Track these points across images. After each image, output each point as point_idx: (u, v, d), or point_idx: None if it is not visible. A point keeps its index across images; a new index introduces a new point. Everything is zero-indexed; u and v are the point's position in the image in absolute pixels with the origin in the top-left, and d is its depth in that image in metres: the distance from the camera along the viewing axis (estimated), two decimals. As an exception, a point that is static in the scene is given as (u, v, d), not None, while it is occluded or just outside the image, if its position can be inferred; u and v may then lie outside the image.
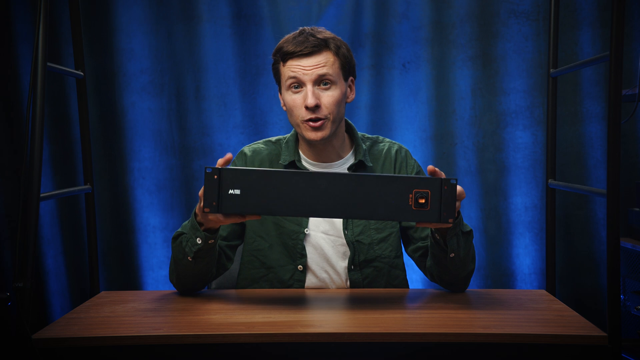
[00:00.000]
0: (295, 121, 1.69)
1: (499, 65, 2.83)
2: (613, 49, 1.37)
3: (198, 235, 1.55)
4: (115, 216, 2.88)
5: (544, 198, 2.30)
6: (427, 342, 1.35)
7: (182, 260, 1.60)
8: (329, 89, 1.67)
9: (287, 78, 1.68)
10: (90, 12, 2.80)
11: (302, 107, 1.66)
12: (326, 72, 1.66)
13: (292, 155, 1.77)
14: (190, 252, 1.57)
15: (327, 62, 1.67)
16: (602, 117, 2.80)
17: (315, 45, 1.66)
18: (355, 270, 1.75)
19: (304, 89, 1.66)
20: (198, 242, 1.56)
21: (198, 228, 1.55)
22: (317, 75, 1.66)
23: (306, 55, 1.66)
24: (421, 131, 2.86)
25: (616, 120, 1.37)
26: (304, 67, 1.66)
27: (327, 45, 1.68)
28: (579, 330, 1.38)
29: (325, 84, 1.67)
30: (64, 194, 1.87)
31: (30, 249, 1.44)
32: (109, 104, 2.85)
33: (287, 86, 1.69)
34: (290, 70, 1.67)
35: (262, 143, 1.84)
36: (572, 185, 1.77)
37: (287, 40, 1.69)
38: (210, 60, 2.83)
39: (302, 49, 1.65)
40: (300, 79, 1.66)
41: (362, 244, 1.75)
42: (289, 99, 1.69)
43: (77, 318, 1.52)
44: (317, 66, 1.66)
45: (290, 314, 1.50)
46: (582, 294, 2.85)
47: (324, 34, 1.69)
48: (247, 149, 1.82)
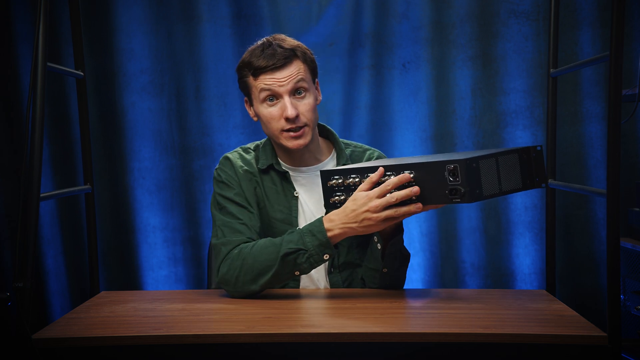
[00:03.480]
0: (273, 132, 1.70)
1: (499, 65, 2.82)
2: (613, 49, 1.37)
3: (327, 252, 1.56)
4: (115, 216, 2.88)
5: (544, 198, 2.30)
6: (427, 342, 1.35)
7: (286, 275, 1.58)
8: (304, 97, 1.69)
9: (261, 91, 1.67)
10: (90, 12, 2.80)
11: (280, 118, 1.67)
12: (300, 82, 1.67)
13: (270, 159, 1.77)
14: (309, 268, 1.57)
15: (299, 71, 1.67)
16: (602, 117, 2.80)
17: (286, 56, 1.66)
18: (334, 273, 1.76)
19: (280, 100, 1.67)
20: (325, 258, 1.56)
21: (330, 245, 1.55)
22: (292, 85, 1.66)
23: (278, 68, 1.66)
24: (421, 131, 2.86)
25: (616, 120, 1.37)
26: (279, 79, 1.66)
27: (296, 54, 1.68)
28: (579, 330, 1.38)
29: (300, 92, 1.68)
30: (64, 194, 1.87)
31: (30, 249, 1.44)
32: (109, 104, 2.85)
33: (261, 99, 1.68)
34: (263, 84, 1.66)
35: (242, 150, 1.83)
36: (572, 185, 1.77)
37: (254, 54, 1.68)
38: (210, 60, 2.83)
39: (275, 62, 1.65)
40: (276, 91, 1.66)
41: (342, 246, 1.76)
42: (265, 112, 1.68)
43: (77, 318, 1.52)
44: (291, 77, 1.66)
45: (290, 314, 1.50)
46: (582, 294, 2.84)
47: (288, 42, 1.70)
48: (229, 155, 1.81)
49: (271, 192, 1.76)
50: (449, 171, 1.39)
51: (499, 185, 1.42)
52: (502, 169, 1.43)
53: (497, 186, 1.42)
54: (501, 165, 1.43)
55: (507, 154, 1.45)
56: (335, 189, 1.58)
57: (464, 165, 1.37)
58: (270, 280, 1.59)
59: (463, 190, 1.37)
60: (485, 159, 1.40)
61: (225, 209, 1.72)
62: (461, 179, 1.37)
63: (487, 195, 1.40)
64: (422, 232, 2.88)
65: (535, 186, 1.48)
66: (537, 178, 1.48)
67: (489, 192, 1.40)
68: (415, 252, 2.87)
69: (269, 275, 1.58)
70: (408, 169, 1.45)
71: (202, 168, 2.87)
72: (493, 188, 1.41)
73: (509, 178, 1.45)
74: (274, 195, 1.76)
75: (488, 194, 1.40)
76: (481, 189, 1.39)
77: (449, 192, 1.39)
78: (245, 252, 1.62)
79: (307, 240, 1.56)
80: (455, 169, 1.38)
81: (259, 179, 1.77)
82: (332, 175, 1.57)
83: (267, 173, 1.77)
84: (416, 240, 2.89)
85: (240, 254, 1.62)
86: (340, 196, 1.57)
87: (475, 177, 1.38)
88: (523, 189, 1.47)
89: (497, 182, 1.42)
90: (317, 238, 1.55)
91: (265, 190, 1.76)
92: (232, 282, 1.61)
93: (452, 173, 1.38)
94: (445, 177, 1.39)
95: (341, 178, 1.56)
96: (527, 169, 1.47)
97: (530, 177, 1.48)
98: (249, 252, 1.61)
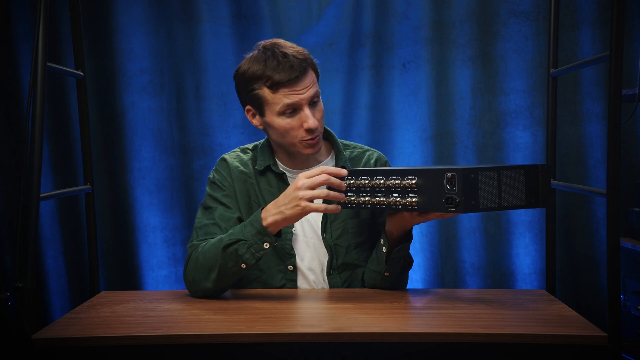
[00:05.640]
0: (291, 142, 1.69)
1: (499, 65, 2.82)
2: (613, 49, 1.37)
3: (267, 240, 1.55)
4: (115, 216, 2.88)
5: (544, 198, 2.30)
6: (427, 342, 1.35)
7: (232, 268, 1.58)
8: (317, 105, 1.69)
9: (282, 106, 1.65)
10: (90, 12, 2.79)
11: (299, 128, 1.66)
12: (316, 91, 1.67)
13: (267, 160, 1.77)
14: (252, 259, 1.57)
15: (313, 79, 1.67)
16: (602, 117, 2.80)
17: (303, 67, 1.65)
18: (333, 274, 1.76)
19: (299, 111, 1.66)
20: (265, 247, 1.56)
21: (267, 233, 1.55)
22: (311, 96, 1.66)
23: (299, 80, 1.64)
24: (421, 131, 2.86)
25: (616, 120, 1.37)
26: (299, 91, 1.64)
27: (308, 62, 1.67)
28: (579, 330, 1.38)
29: (315, 102, 1.68)
30: (64, 194, 1.87)
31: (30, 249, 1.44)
32: (109, 104, 2.85)
33: (279, 112, 1.66)
34: (285, 98, 1.64)
35: (240, 150, 1.83)
36: (572, 185, 1.77)
37: (269, 66, 1.64)
38: (210, 60, 2.83)
39: (297, 74, 1.63)
40: (297, 104, 1.65)
41: (341, 247, 1.76)
42: (282, 123, 1.67)
43: (77, 318, 1.52)
44: (308, 87, 1.65)
45: (290, 314, 1.50)
46: (582, 294, 2.84)
47: (296, 50, 1.68)
48: (227, 155, 1.81)
49: (267, 193, 1.76)
50: (447, 179, 1.40)
51: (498, 200, 1.42)
52: (504, 184, 1.43)
53: (496, 200, 1.42)
54: (504, 179, 1.43)
55: (512, 169, 1.45)
56: (347, 189, 1.59)
57: (461, 175, 1.38)
58: (219, 276, 1.59)
59: (458, 199, 1.38)
60: (485, 171, 1.40)
61: (210, 210, 1.73)
62: (457, 188, 1.39)
63: (483, 208, 1.40)
64: (422, 232, 2.88)
65: (540, 205, 1.47)
66: (543, 197, 1.48)
67: (486, 205, 1.41)
68: (415, 252, 2.87)
69: (216, 270, 1.59)
70: (409, 174, 1.47)
71: (202, 168, 2.87)
72: (491, 202, 1.41)
73: (512, 194, 1.44)
74: (269, 197, 1.75)
75: (485, 206, 1.41)
76: (477, 201, 1.39)
77: (445, 200, 1.41)
78: (199, 251, 1.64)
79: (246, 230, 1.58)
80: (453, 177, 1.39)
81: (255, 181, 1.76)
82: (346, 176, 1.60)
83: (264, 174, 1.77)
84: (416, 240, 2.88)
85: (195, 253, 1.64)
86: (351, 197, 1.59)
87: (472, 188, 1.39)
88: (526, 207, 1.47)
89: (497, 196, 1.42)
90: (254, 227, 1.56)
91: (262, 192, 1.76)
92: (190, 282, 1.64)
93: (450, 182, 1.40)
94: (444, 185, 1.41)
95: (353, 179, 1.58)
96: (533, 187, 1.47)
97: (535, 196, 1.47)
98: (201, 250, 1.63)
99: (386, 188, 1.53)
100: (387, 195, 1.52)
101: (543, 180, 1.47)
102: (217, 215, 1.71)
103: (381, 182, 1.53)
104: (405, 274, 1.72)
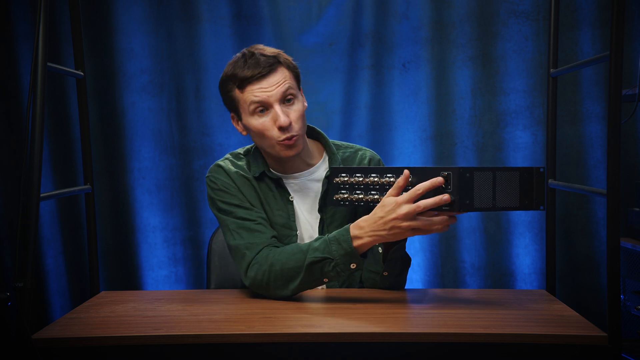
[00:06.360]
0: (269, 143, 1.66)
1: (499, 65, 2.82)
2: (613, 49, 1.37)
3: (354, 261, 1.53)
4: (115, 216, 2.88)
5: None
6: (427, 342, 1.35)
7: (314, 282, 1.57)
8: (293, 104, 1.66)
9: (250, 103, 1.64)
10: (90, 12, 2.80)
11: (273, 128, 1.64)
12: (288, 88, 1.64)
13: (261, 166, 1.75)
14: (337, 277, 1.55)
15: (285, 77, 1.65)
16: (602, 117, 2.80)
17: (271, 63, 1.63)
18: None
19: (271, 110, 1.64)
20: (352, 267, 1.54)
21: (356, 255, 1.52)
22: (282, 93, 1.63)
23: (264, 77, 1.63)
24: (421, 131, 2.86)
25: (616, 120, 1.37)
26: (266, 88, 1.63)
27: (279, 60, 1.65)
28: (579, 330, 1.38)
29: (289, 100, 1.65)
30: (64, 194, 1.87)
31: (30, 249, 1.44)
32: (109, 104, 2.85)
33: (250, 112, 1.65)
34: (252, 95, 1.63)
35: (232, 156, 1.80)
36: (572, 185, 1.77)
37: (237, 66, 1.65)
38: (210, 60, 2.83)
39: (261, 70, 1.62)
40: (266, 101, 1.63)
41: None
42: (256, 123, 1.65)
43: (77, 318, 1.52)
44: (278, 84, 1.63)
45: (290, 314, 1.50)
46: (582, 294, 2.84)
47: (269, 50, 1.67)
48: (220, 162, 1.78)
49: (269, 197, 1.74)
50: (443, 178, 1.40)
51: (492, 201, 1.43)
52: (498, 185, 1.43)
53: (490, 201, 1.42)
54: (498, 181, 1.43)
55: (507, 171, 1.45)
56: (341, 186, 1.61)
57: (456, 174, 1.39)
58: (300, 286, 1.58)
59: (452, 198, 1.39)
60: (480, 172, 1.41)
61: (234, 214, 1.69)
62: (452, 187, 1.39)
63: (477, 208, 1.41)
64: (422, 232, 2.88)
65: (533, 208, 1.47)
66: (537, 200, 1.48)
67: (480, 205, 1.41)
68: (415, 252, 2.87)
69: (297, 281, 1.57)
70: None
71: (202, 168, 2.87)
72: (486, 202, 1.42)
73: (506, 195, 1.45)
74: (272, 201, 1.74)
75: (479, 206, 1.41)
76: (472, 200, 1.40)
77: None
78: (272, 257, 1.59)
79: (333, 248, 1.54)
80: (449, 176, 1.40)
81: (256, 184, 1.75)
82: (340, 172, 1.61)
83: (262, 180, 1.75)
84: (416, 240, 2.88)
85: (267, 259, 1.60)
86: (344, 194, 1.60)
87: (467, 187, 1.40)
88: (520, 209, 1.47)
89: (491, 197, 1.42)
90: (342, 247, 1.53)
91: (264, 196, 1.75)
92: (264, 287, 1.60)
93: (445, 180, 1.40)
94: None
95: (347, 176, 1.59)
96: (527, 189, 1.47)
97: (529, 198, 1.47)
98: (276, 257, 1.59)
99: (380, 186, 1.53)
100: (381, 193, 1.53)
101: (537, 183, 1.48)
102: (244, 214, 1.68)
103: (375, 180, 1.53)
104: (404, 274, 1.72)
